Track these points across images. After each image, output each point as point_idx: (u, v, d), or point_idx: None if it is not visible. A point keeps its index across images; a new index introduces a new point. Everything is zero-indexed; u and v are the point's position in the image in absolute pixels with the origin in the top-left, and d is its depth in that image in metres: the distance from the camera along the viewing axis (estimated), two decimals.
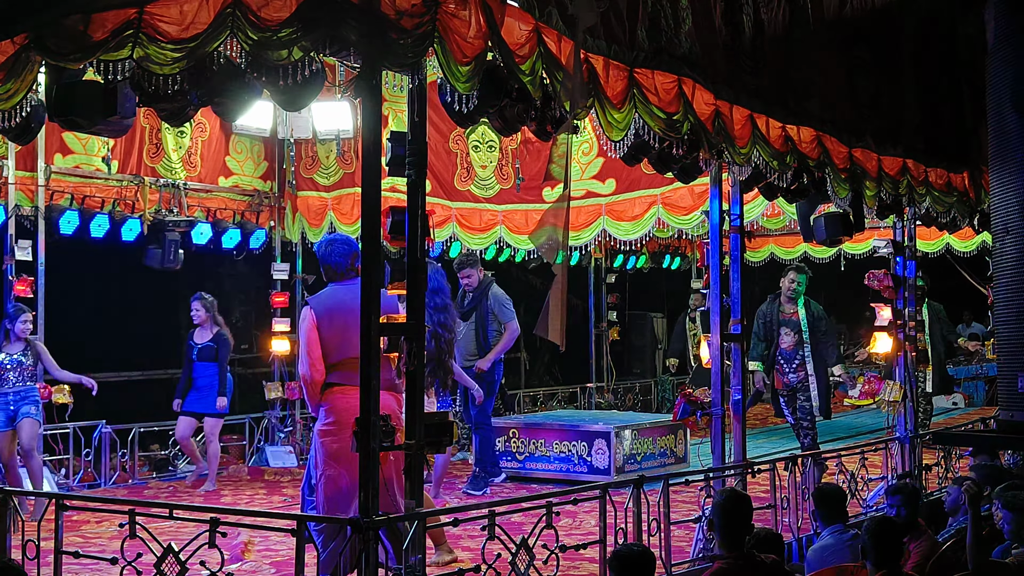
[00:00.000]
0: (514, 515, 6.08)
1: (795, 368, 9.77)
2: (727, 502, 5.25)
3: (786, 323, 9.85)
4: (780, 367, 9.87)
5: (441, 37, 4.89)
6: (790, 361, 9.79)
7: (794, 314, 9.85)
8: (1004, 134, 7.74)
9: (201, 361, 10.20)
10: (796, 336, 9.79)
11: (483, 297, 9.82)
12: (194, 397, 10.21)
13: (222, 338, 10.28)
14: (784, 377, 9.85)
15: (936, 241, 14.37)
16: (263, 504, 9.40)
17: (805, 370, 9.76)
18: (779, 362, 9.88)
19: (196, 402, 10.21)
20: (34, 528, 5.67)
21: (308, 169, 11.87)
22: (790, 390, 9.83)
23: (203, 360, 10.20)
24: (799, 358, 9.78)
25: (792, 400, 9.83)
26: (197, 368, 10.22)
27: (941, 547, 5.97)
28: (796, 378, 9.78)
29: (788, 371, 9.81)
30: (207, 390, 10.18)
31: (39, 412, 8.84)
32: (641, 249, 14.95)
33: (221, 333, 10.30)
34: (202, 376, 10.20)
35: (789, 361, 9.80)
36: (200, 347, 10.23)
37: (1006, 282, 7.78)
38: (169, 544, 4.96)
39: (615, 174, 11.27)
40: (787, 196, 8.31)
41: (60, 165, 9.99)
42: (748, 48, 6.98)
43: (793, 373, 9.79)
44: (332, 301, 5.96)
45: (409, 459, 5.08)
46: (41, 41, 4.64)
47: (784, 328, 9.84)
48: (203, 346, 10.23)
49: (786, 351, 9.81)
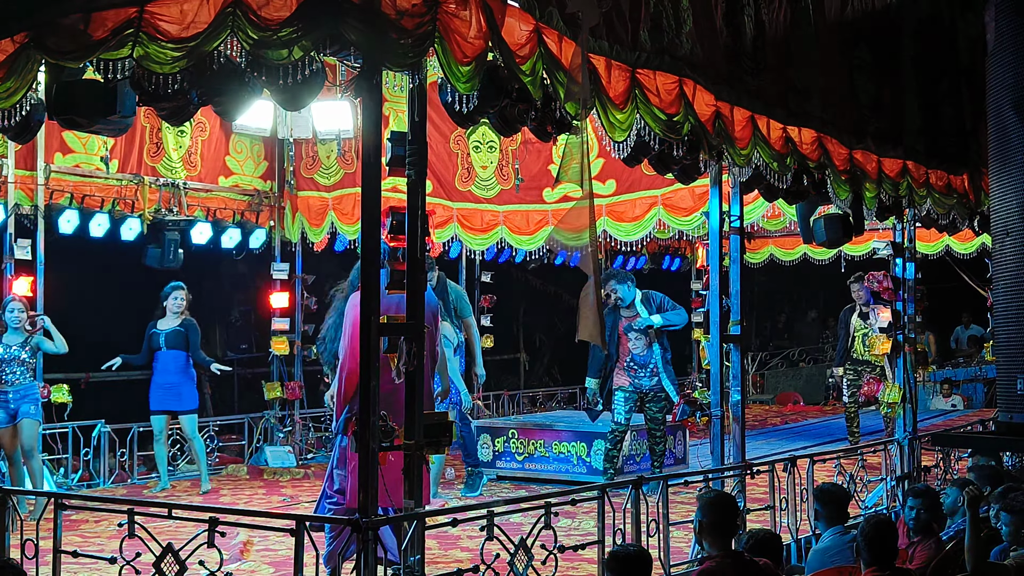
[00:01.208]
0: (513, 515, 6.09)
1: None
2: (715, 501, 5.25)
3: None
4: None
5: (442, 37, 4.89)
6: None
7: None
8: (1004, 136, 7.75)
9: (170, 349, 9.88)
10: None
11: (444, 294, 9.44)
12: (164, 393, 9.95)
13: (191, 324, 10.01)
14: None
15: (936, 243, 14.38)
16: (262, 504, 9.39)
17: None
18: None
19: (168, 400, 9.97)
20: (33, 527, 5.67)
21: (309, 169, 11.86)
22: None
23: (172, 348, 9.88)
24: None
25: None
26: (163, 357, 9.89)
27: (945, 549, 5.96)
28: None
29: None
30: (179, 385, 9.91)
31: (39, 411, 8.81)
32: (641, 250, 14.95)
33: (188, 320, 10.02)
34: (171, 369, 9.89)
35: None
36: (166, 333, 9.89)
37: (1006, 284, 7.78)
38: (168, 544, 4.95)
39: (615, 175, 11.27)
40: (787, 197, 8.31)
41: (60, 164, 9.99)
42: (749, 49, 6.98)
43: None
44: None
45: (408, 459, 5.08)
46: (41, 40, 4.64)
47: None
48: (170, 332, 9.90)
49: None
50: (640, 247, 13.60)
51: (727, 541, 5.08)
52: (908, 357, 9.45)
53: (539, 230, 12.09)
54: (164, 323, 9.99)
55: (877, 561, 5.23)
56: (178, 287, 10.09)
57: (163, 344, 9.88)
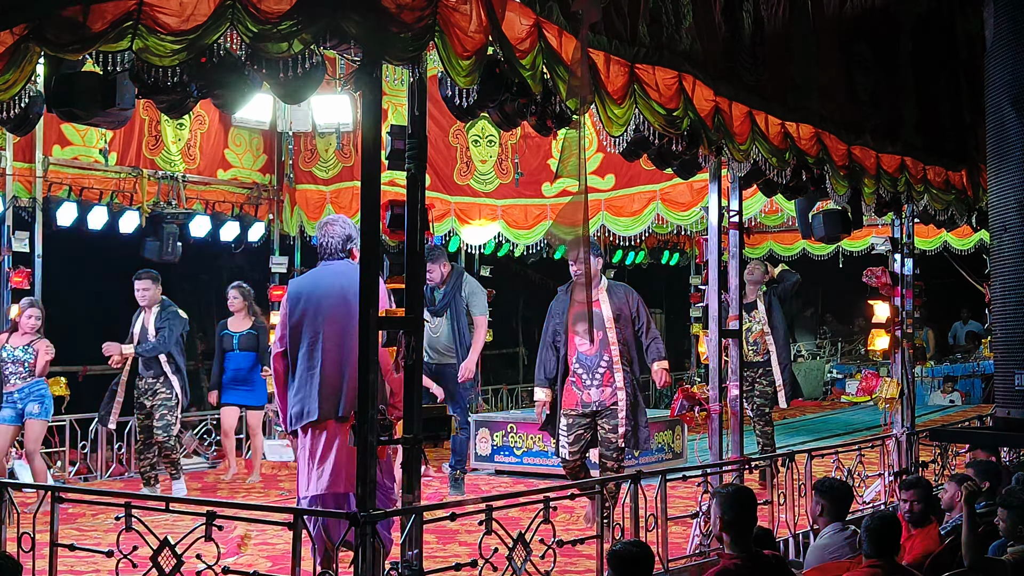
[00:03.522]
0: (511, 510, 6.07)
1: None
2: (737, 496, 5.08)
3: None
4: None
5: (442, 31, 4.89)
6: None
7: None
8: (1002, 132, 7.74)
9: (243, 351, 10.10)
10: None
11: (457, 290, 9.36)
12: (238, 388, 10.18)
13: (261, 326, 10.19)
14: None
15: (934, 239, 14.40)
16: (259, 498, 9.39)
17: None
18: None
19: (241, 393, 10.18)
20: (29, 520, 5.67)
21: (307, 162, 11.86)
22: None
23: (244, 349, 10.10)
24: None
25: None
26: (235, 358, 10.11)
27: (943, 542, 5.98)
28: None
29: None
30: (251, 381, 10.12)
31: (43, 410, 8.72)
32: (640, 245, 14.96)
33: (259, 322, 10.20)
34: (243, 367, 10.11)
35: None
36: (240, 335, 10.11)
37: (1003, 280, 7.77)
38: (165, 537, 4.95)
39: (614, 169, 11.27)
40: (786, 193, 8.31)
41: (58, 156, 9.99)
42: (748, 45, 6.98)
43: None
44: (316, 278, 6.03)
45: (407, 453, 5.08)
46: (40, 32, 4.63)
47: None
48: (243, 334, 10.10)
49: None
50: (639, 242, 13.60)
51: (748, 539, 4.98)
52: (906, 352, 9.47)
53: (538, 224, 12.09)
54: (234, 325, 10.17)
55: (878, 554, 5.23)
56: (233, 286, 10.24)
57: (236, 346, 10.10)
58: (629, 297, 7.77)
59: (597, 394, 7.65)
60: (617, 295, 7.74)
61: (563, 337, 7.73)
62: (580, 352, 7.72)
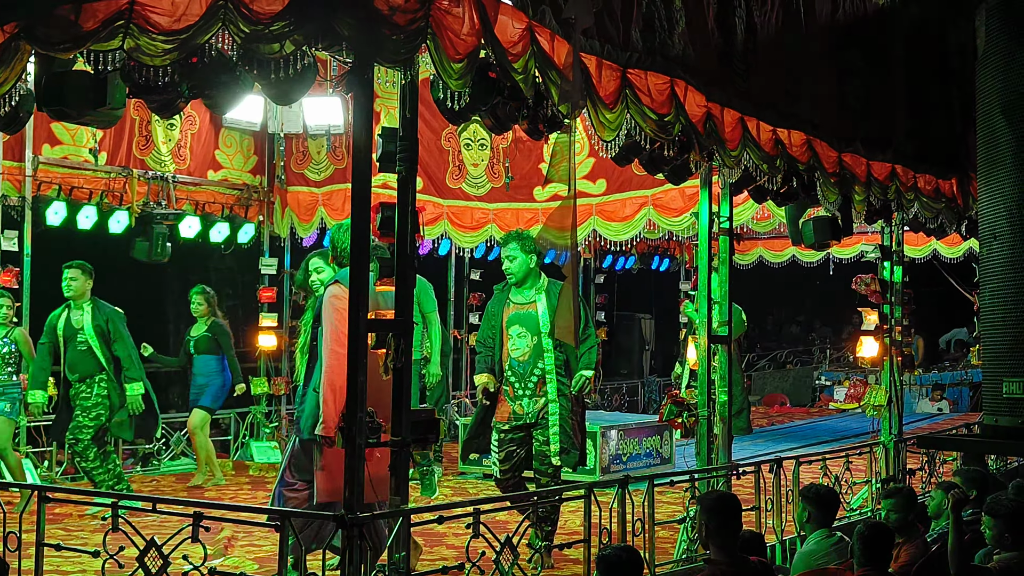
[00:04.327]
0: (499, 513, 6.09)
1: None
2: (722, 503, 5.09)
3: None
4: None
5: (434, 34, 4.89)
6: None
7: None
8: (993, 141, 7.77)
9: (200, 354, 10.08)
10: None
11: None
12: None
13: (218, 328, 10.12)
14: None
15: (923, 247, 14.45)
16: (247, 499, 9.37)
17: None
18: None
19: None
20: (16, 520, 5.64)
21: (299, 164, 11.85)
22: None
23: (201, 352, 10.08)
24: None
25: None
26: (195, 362, 10.12)
27: (930, 550, 5.99)
28: None
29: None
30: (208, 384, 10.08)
31: (14, 409, 8.65)
32: (630, 250, 14.98)
33: (216, 324, 10.13)
34: (202, 371, 10.09)
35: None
36: (196, 339, 10.10)
37: (992, 288, 7.80)
38: (152, 538, 4.93)
39: (606, 174, 11.28)
40: (776, 199, 8.32)
41: (48, 155, 9.96)
42: (740, 51, 6.99)
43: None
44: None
45: (395, 456, 5.07)
46: (31, 30, 4.62)
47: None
48: (199, 338, 10.09)
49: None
50: (629, 247, 13.62)
51: (733, 545, 4.96)
52: (894, 360, 9.49)
53: (529, 229, 12.08)
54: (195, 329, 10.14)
55: (870, 562, 5.23)
56: (197, 291, 10.15)
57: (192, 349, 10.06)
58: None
59: (530, 405, 7.01)
60: (555, 295, 7.06)
61: (499, 339, 7.17)
62: (513, 358, 7.08)
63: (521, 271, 7.10)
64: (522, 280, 7.12)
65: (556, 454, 6.92)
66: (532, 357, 7.00)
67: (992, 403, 7.73)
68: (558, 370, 7.00)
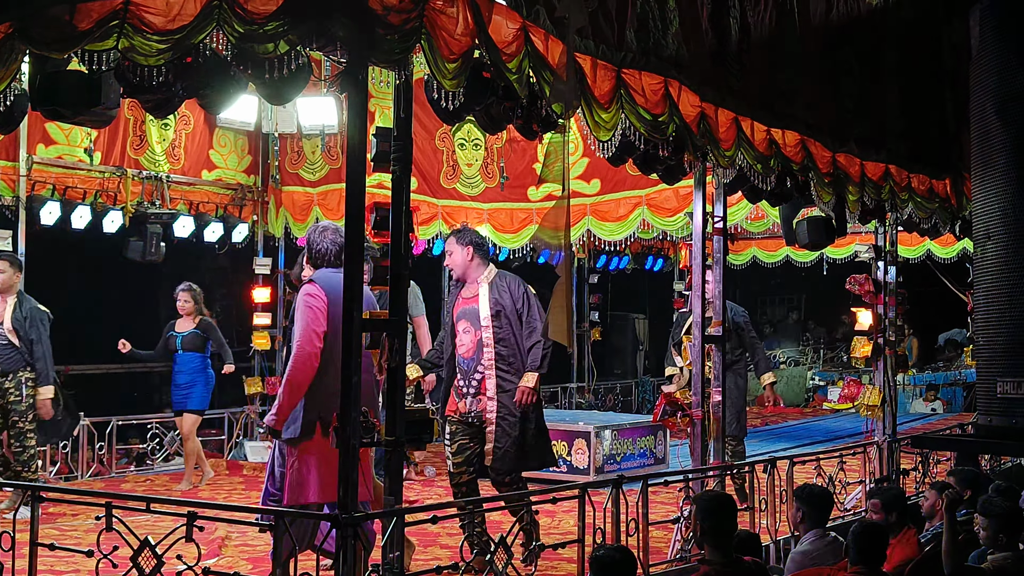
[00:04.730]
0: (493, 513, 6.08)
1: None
2: (716, 503, 5.11)
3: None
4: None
5: (428, 34, 4.89)
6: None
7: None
8: (987, 141, 7.78)
9: (186, 352, 9.90)
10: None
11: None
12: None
13: (207, 325, 9.98)
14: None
15: (917, 247, 14.47)
16: (241, 499, 9.36)
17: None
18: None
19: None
20: (9, 520, 5.63)
21: (294, 164, 11.84)
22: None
23: (188, 350, 9.90)
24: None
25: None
26: (179, 360, 9.92)
27: (923, 550, 6.00)
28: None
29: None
30: (193, 384, 9.92)
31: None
32: (624, 250, 14.99)
33: (205, 321, 9.99)
34: (186, 369, 9.93)
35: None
36: (183, 336, 9.89)
37: (986, 288, 7.82)
38: (146, 538, 4.93)
39: (600, 174, 11.30)
40: (770, 199, 8.34)
41: (42, 155, 9.94)
42: (734, 51, 6.99)
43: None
44: (331, 286, 5.65)
45: (389, 455, 5.07)
46: (25, 30, 4.62)
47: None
48: (186, 335, 9.89)
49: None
50: (624, 247, 13.63)
51: (728, 545, 4.98)
52: (888, 360, 9.50)
53: (523, 228, 12.10)
54: (180, 326, 9.93)
55: (863, 561, 5.24)
56: (183, 288, 9.97)
57: (179, 347, 9.86)
58: (515, 290, 6.75)
59: (473, 403, 6.70)
60: (499, 288, 6.74)
61: (451, 335, 6.90)
62: (459, 355, 6.80)
63: (460, 265, 6.83)
64: (463, 274, 6.87)
65: (489, 455, 6.66)
66: (476, 354, 6.73)
67: (986, 403, 7.74)
68: (498, 367, 6.69)
